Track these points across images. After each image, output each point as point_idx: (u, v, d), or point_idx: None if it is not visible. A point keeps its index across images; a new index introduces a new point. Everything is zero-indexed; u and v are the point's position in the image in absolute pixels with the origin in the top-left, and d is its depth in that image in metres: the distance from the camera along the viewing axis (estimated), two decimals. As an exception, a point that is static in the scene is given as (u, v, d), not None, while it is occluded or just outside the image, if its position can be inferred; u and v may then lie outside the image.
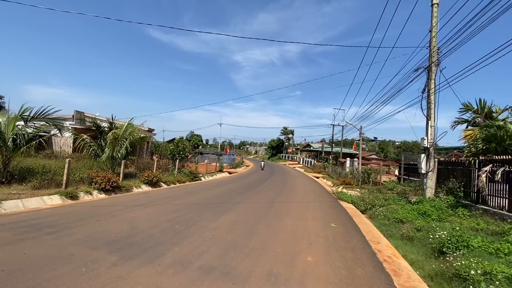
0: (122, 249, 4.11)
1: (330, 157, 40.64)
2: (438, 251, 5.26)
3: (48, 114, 9.26)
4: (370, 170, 20.17)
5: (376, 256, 4.81)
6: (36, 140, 9.06)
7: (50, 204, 7.20)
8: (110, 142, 11.45)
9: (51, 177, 8.82)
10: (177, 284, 3.10)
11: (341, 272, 3.89)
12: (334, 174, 27.32)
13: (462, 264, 4.18)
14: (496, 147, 8.28)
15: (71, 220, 5.60)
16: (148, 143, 23.05)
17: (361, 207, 10.44)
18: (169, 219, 6.28)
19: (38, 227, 4.94)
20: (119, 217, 6.15)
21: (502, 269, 3.90)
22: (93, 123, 12.97)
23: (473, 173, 8.86)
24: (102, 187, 9.32)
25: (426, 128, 10.31)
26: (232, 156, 39.56)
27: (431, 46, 10.28)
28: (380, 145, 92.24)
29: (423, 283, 3.91)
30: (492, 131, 8.43)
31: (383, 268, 4.24)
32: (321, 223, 7.12)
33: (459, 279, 3.96)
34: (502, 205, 7.67)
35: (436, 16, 10.24)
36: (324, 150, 47.71)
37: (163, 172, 15.42)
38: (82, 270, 3.26)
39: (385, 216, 8.45)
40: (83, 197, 8.42)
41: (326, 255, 4.60)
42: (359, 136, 22.91)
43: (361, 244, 5.47)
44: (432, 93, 10.06)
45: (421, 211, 8.26)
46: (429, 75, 10.28)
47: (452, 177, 9.70)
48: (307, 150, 65.11)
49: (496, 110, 10.89)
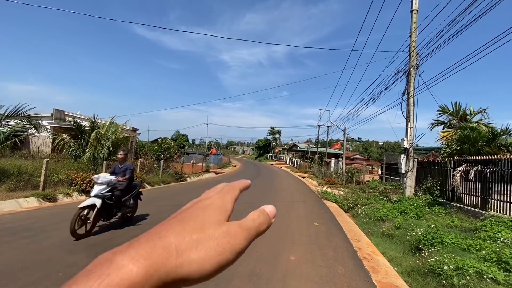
0: (101, 253, 4.00)
1: (315, 157, 41.26)
2: (415, 248, 5.49)
3: (23, 112, 8.87)
4: (354, 169, 20.65)
5: (356, 254, 4.95)
6: (11, 140, 8.66)
7: (26, 207, 6.91)
8: (91, 142, 11.11)
9: (27, 179, 8.46)
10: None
11: (322, 271, 3.99)
12: (319, 173, 27.78)
13: (436, 260, 4.39)
14: (470, 148, 8.72)
15: (48, 223, 5.41)
16: (132, 143, 22.53)
17: (344, 206, 10.68)
18: (152, 221, 6.19)
19: (12, 231, 4.74)
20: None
21: (473, 264, 4.13)
22: (73, 122, 12.53)
23: (449, 172, 9.29)
24: (83, 189, 9.03)
25: (406, 130, 10.70)
26: (219, 156, 39.31)
27: (410, 51, 10.67)
28: (364, 145, 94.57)
29: (399, 279, 4.08)
30: (466, 133, 8.87)
31: (362, 265, 4.37)
32: (304, 222, 7.24)
33: (433, 274, 4.17)
34: (475, 203, 8.10)
35: (415, 21, 10.64)
36: (310, 150, 48.37)
37: (147, 173, 15.13)
38: (58, 275, 3.17)
39: (366, 215, 8.70)
40: (61, 199, 8.13)
41: (308, 254, 4.69)
42: (343, 137, 23.42)
43: (343, 243, 5.61)
44: (411, 96, 10.45)
45: (401, 210, 8.58)
46: (408, 78, 10.66)
47: (430, 177, 10.13)
48: (294, 150, 65.78)
49: (470, 112, 11.47)
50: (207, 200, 0.32)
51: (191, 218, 0.29)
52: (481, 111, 11.29)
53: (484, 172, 7.71)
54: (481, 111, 11.29)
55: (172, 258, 0.25)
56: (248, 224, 0.31)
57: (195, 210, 0.30)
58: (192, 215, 0.29)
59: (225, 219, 0.30)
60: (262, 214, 0.33)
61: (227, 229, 0.29)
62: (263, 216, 0.33)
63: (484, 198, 7.73)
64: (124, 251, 0.25)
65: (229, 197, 0.33)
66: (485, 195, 7.69)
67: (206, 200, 0.32)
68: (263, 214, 0.33)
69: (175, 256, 0.25)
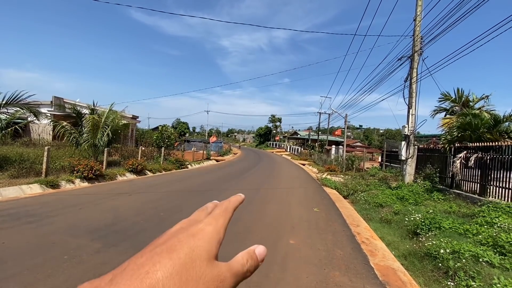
0: (105, 236, 4.11)
1: (316, 144, 41.28)
2: (413, 233, 5.58)
3: (21, 99, 8.83)
4: (354, 157, 20.70)
5: (355, 238, 5.04)
6: (12, 127, 8.67)
7: (29, 193, 7.00)
8: (89, 129, 11.10)
9: (29, 166, 8.53)
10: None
11: (321, 254, 4.08)
12: (320, 161, 27.88)
13: (433, 244, 4.47)
14: (471, 135, 8.69)
15: (52, 209, 5.50)
16: (132, 131, 22.53)
17: (344, 192, 10.79)
18: (154, 207, 6.28)
19: (16, 216, 4.83)
20: (102, 205, 6.09)
21: (469, 248, 4.21)
22: (73, 109, 12.49)
23: (449, 159, 9.31)
24: (85, 176, 9.12)
25: (407, 116, 10.63)
26: (219, 143, 39.34)
27: (414, 35, 10.44)
28: (365, 132, 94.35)
29: (396, 262, 4.17)
30: (468, 120, 8.81)
31: (360, 249, 4.47)
32: (304, 208, 7.34)
33: (430, 257, 4.25)
34: (474, 189, 8.15)
35: (420, 5, 10.36)
36: (310, 137, 48.35)
37: (148, 160, 15.21)
38: (64, 258, 3.25)
39: (366, 201, 8.80)
40: (64, 186, 8.23)
41: (308, 238, 4.78)
42: (344, 124, 23.32)
43: (342, 227, 5.71)
44: (414, 82, 10.32)
45: (400, 196, 8.66)
46: (412, 64, 10.50)
47: (429, 164, 10.16)
48: (294, 138, 65.74)
49: (473, 99, 11.35)
50: (198, 224, 0.30)
51: (181, 249, 0.27)
52: (484, 98, 11.18)
53: (484, 159, 7.71)
54: (484, 98, 11.18)
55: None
56: (237, 270, 0.29)
57: (185, 238, 0.28)
58: (182, 245, 0.27)
59: (215, 253, 0.29)
60: (251, 259, 0.31)
61: (217, 273, 0.27)
62: (251, 261, 0.31)
63: (483, 184, 7.78)
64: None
65: (222, 222, 0.31)
66: (484, 181, 7.74)
67: (197, 224, 0.30)
68: (252, 259, 0.31)
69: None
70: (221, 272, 0.27)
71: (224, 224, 0.32)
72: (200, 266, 0.26)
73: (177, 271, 0.25)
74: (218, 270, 0.27)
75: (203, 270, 0.26)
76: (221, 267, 0.28)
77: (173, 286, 0.24)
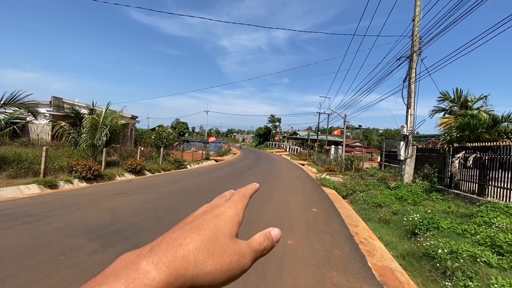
0: (103, 236, 4.09)
1: (315, 144, 41.29)
2: (411, 233, 5.58)
3: (20, 99, 8.80)
4: (353, 157, 20.69)
5: (353, 238, 5.04)
6: (10, 127, 8.64)
7: (27, 193, 6.99)
8: (88, 129, 11.09)
9: (28, 166, 8.51)
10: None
11: (319, 254, 4.07)
12: (319, 161, 27.88)
13: (431, 244, 4.47)
14: (469, 135, 8.69)
15: (50, 209, 5.48)
16: (131, 131, 22.50)
17: (342, 192, 10.79)
18: (152, 207, 6.27)
19: (14, 216, 4.81)
20: (100, 206, 6.08)
21: (467, 248, 4.21)
22: (72, 109, 12.47)
23: (448, 159, 9.31)
24: (83, 176, 9.10)
25: (406, 116, 10.64)
26: (219, 143, 39.35)
27: (413, 35, 10.45)
28: (364, 133, 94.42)
29: (394, 262, 4.17)
30: (466, 120, 8.82)
31: (358, 249, 4.46)
32: (303, 208, 7.33)
33: (428, 257, 4.25)
34: (473, 189, 8.16)
35: (419, 5, 10.36)
36: (310, 137, 48.36)
37: (147, 160, 15.20)
38: (61, 259, 3.24)
39: (364, 201, 8.80)
40: (63, 186, 8.21)
41: (306, 239, 4.78)
42: (343, 124, 23.33)
43: (340, 228, 5.70)
44: (412, 82, 10.33)
45: (398, 196, 8.66)
46: (410, 64, 10.50)
47: (428, 164, 10.16)
48: (294, 138, 65.75)
49: (471, 99, 11.35)
50: (219, 208, 0.34)
51: (207, 227, 0.30)
52: (483, 98, 11.17)
53: (483, 159, 7.72)
54: (483, 98, 11.17)
55: (190, 267, 0.27)
56: (255, 247, 0.34)
57: (210, 218, 0.32)
58: (208, 224, 0.31)
59: (236, 232, 0.33)
60: (268, 239, 0.36)
61: (238, 248, 0.31)
62: (268, 241, 0.36)
63: (481, 184, 7.78)
64: (147, 256, 0.27)
65: (241, 206, 0.36)
66: (482, 181, 7.74)
67: (219, 207, 0.34)
68: (268, 239, 0.36)
69: (193, 266, 0.27)
70: (241, 248, 0.32)
71: (243, 208, 0.35)
72: (224, 242, 0.30)
73: (205, 245, 0.29)
74: (239, 246, 0.32)
75: (226, 245, 0.30)
76: (242, 244, 0.32)
77: (202, 256, 0.28)
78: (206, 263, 0.28)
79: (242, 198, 0.37)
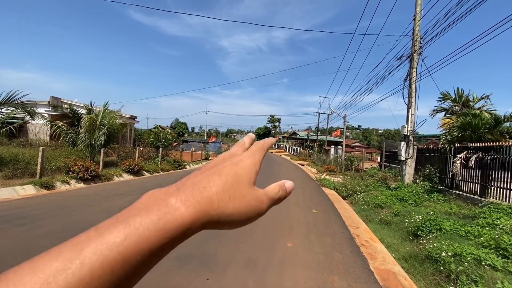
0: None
1: (315, 145, 41.21)
2: (413, 235, 5.48)
3: (17, 99, 8.70)
4: (353, 157, 20.59)
5: (354, 240, 4.94)
6: (6, 128, 8.54)
7: (23, 194, 6.88)
8: (86, 129, 10.98)
9: (24, 166, 8.40)
10: (154, 272, 3.04)
11: (320, 257, 3.97)
12: (319, 161, 27.79)
13: (434, 246, 4.36)
14: (471, 135, 8.61)
15: (45, 211, 5.37)
16: (130, 131, 22.40)
17: (343, 193, 10.68)
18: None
19: (7, 218, 4.70)
20: (96, 207, 5.97)
21: (471, 250, 4.10)
22: (70, 109, 12.38)
23: (449, 159, 9.22)
24: (80, 176, 8.99)
25: (406, 116, 10.55)
26: (218, 144, 39.28)
27: (414, 35, 10.36)
28: (364, 133, 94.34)
29: (397, 265, 4.06)
30: (468, 119, 8.73)
31: (360, 252, 4.36)
32: (303, 209, 7.23)
33: (431, 260, 4.15)
34: (474, 190, 8.06)
35: (420, 3, 10.27)
36: (310, 138, 48.26)
37: (146, 161, 15.10)
38: (52, 263, 3.14)
39: (365, 202, 8.70)
40: (59, 187, 8.10)
41: (306, 241, 4.67)
42: (343, 124, 23.25)
43: (341, 229, 5.60)
44: (413, 82, 10.23)
45: (399, 197, 8.56)
46: (411, 63, 10.41)
47: (429, 164, 10.06)
48: (294, 138, 65.68)
49: (473, 99, 11.28)
50: (238, 156, 0.35)
51: (228, 173, 0.31)
52: (484, 98, 11.09)
53: (485, 159, 7.63)
54: (484, 98, 11.09)
55: (214, 207, 0.28)
56: (272, 195, 0.35)
57: (229, 165, 0.33)
58: (228, 170, 0.32)
59: (254, 179, 0.34)
60: (282, 189, 0.37)
61: (257, 195, 0.33)
62: (282, 192, 0.37)
63: (483, 185, 7.69)
64: (175, 194, 0.28)
65: (258, 157, 0.36)
66: (485, 182, 7.65)
67: (237, 156, 0.35)
68: (283, 190, 0.38)
69: (216, 206, 0.29)
70: (259, 194, 0.33)
71: (260, 159, 0.36)
72: (244, 188, 0.32)
73: (227, 188, 0.30)
74: (257, 192, 0.33)
75: (246, 191, 0.32)
76: (260, 191, 0.34)
77: (224, 199, 0.29)
78: (227, 205, 0.29)
79: (260, 149, 0.38)
